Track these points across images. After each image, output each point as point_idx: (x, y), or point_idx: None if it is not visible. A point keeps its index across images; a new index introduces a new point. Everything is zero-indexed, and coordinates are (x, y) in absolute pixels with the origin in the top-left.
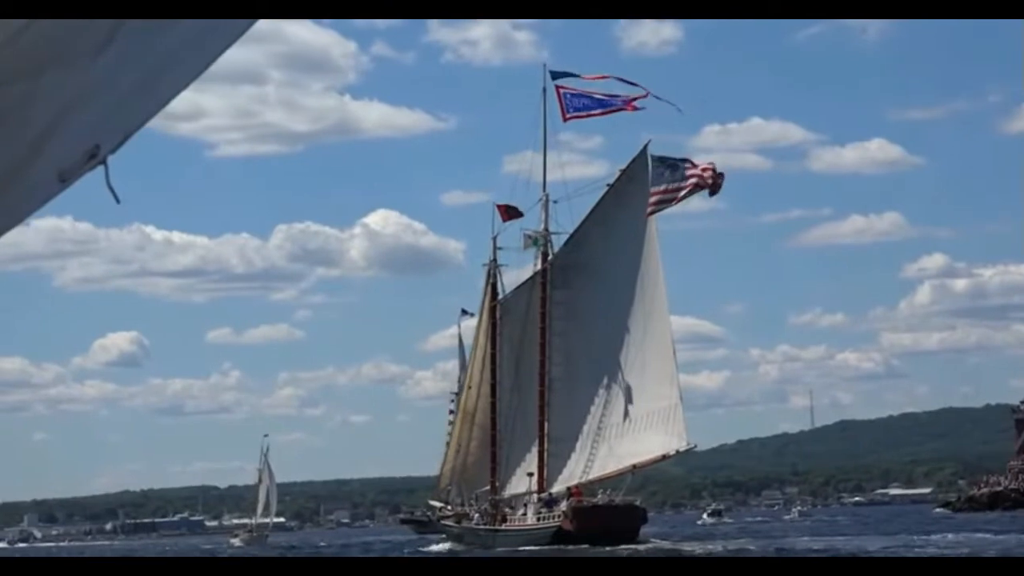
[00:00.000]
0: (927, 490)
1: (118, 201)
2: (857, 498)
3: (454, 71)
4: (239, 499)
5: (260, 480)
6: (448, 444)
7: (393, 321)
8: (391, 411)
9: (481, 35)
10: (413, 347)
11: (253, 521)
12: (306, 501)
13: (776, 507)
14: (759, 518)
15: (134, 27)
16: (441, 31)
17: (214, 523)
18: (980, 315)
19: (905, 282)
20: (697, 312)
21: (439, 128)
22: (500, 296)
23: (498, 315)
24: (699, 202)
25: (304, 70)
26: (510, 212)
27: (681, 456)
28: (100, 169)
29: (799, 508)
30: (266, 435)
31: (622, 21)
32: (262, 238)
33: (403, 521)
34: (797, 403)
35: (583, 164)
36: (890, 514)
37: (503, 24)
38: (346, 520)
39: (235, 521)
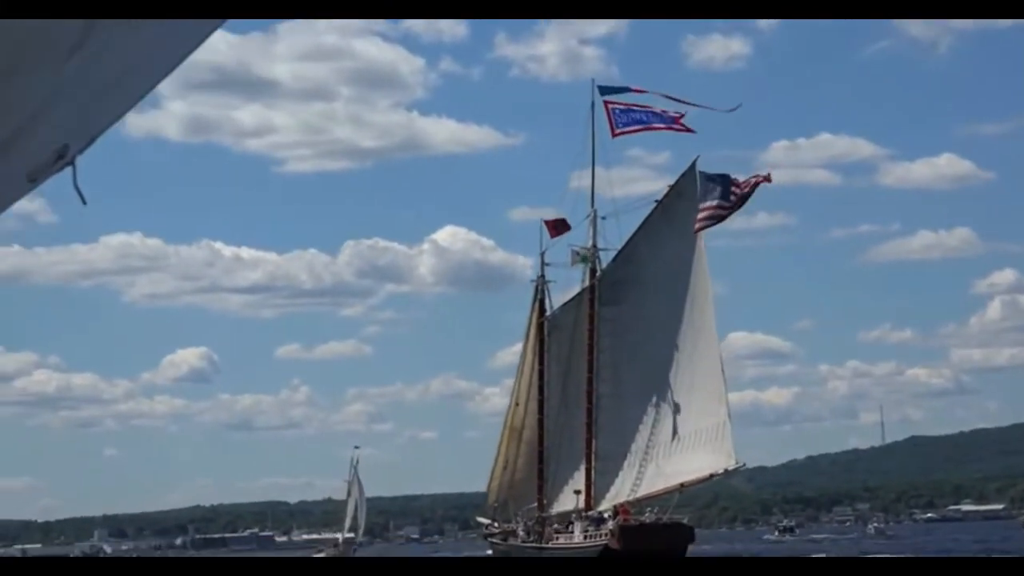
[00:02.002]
0: (1000, 506)
1: (84, 202)
2: (929, 514)
3: (521, 87)
4: (308, 514)
5: (349, 493)
6: (496, 460)
7: (461, 337)
8: (459, 427)
9: (548, 51)
10: (481, 363)
11: (340, 536)
12: (375, 516)
13: (847, 523)
14: (825, 535)
15: (106, 27)
16: (507, 47)
17: (283, 539)
18: None
19: (975, 298)
20: (766, 328)
21: (506, 144)
22: (548, 312)
23: (546, 331)
24: (768, 218)
25: (372, 86)
26: (558, 227)
27: (750, 472)
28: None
29: (876, 524)
30: (357, 447)
31: (690, 36)
32: (331, 254)
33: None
34: (866, 419)
35: (650, 180)
36: (971, 530)
37: (570, 39)
38: (415, 536)
39: (304, 537)
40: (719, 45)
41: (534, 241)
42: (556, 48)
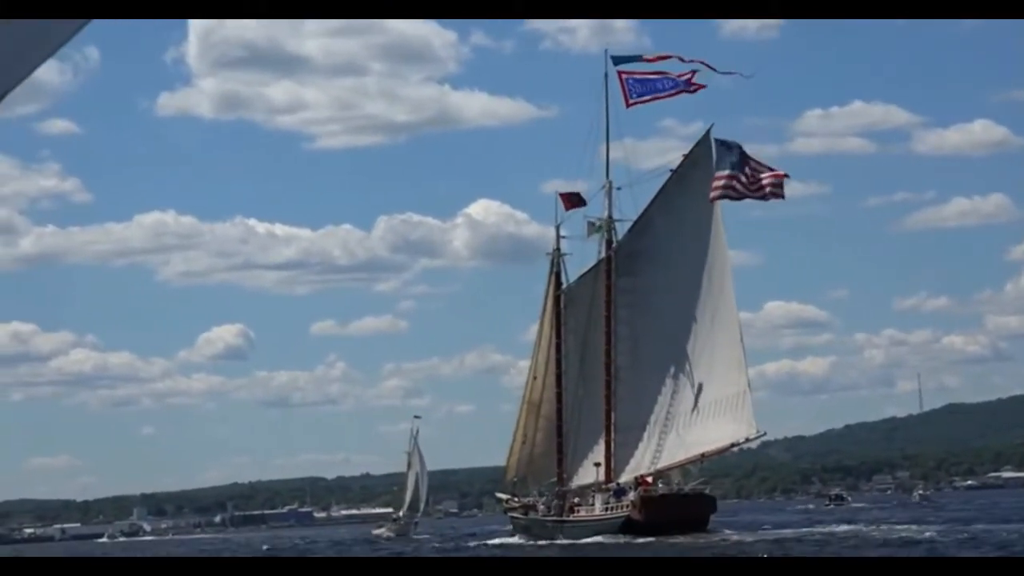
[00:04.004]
0: None
1: None
2: (970, 481)
3: (553, 59)
4: (346, 490)
5: (409, 466)
6: (514, 435)
7: (496, 310)
8: (495, 400)
9: (579, 23)
10: (516, 336)
11: (401, 513)
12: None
13: (888, 491)
14: (864, 504)
15: None
16: (538, 19)
17: (322, 515)
18: None
19: (1011, 264)
20: (802, 297)
21: (539, 116)
22: (564, 285)
23: (562, 304)
24: (802, 187)
25: (404, 61)
26: (573, 200)
27: (789, 442)
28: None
29: (921, 491)
30: (417, 416)
31: None
32: (364, 229)
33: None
34: (904, 387)
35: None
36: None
37: None
38: (454, 510)
39: (343, 512)
40: None
41: (576, 217)
42: (587, 20)
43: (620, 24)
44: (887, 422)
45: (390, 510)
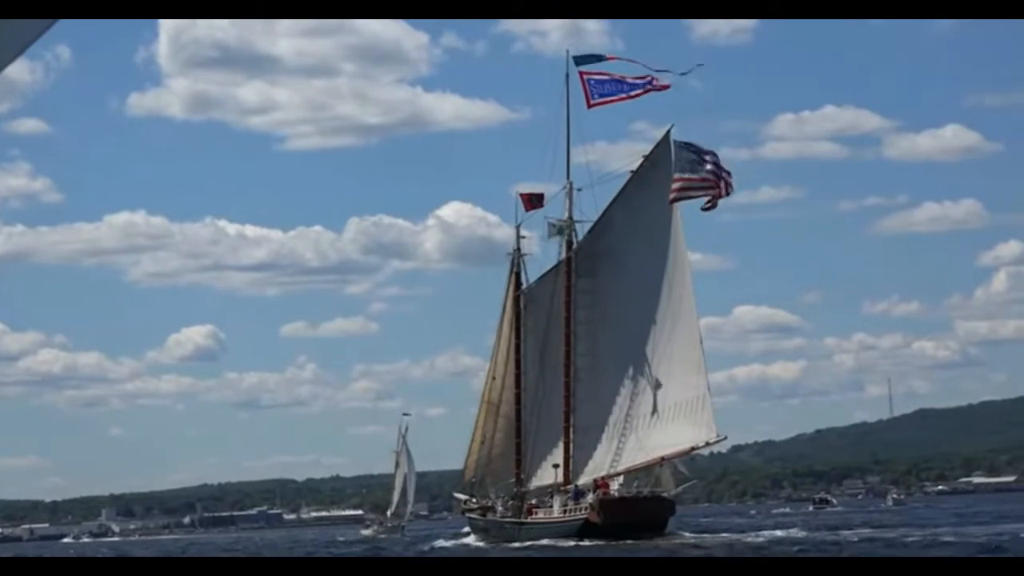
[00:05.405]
0: (1011, 478)
1: None
2: (941, 487)
3: (525, 61)
4: (315, 492)
5: (397, 465)
6: (473, 436)
7: (467, 313)
8: (466, 403)
9: (551, 25)
10: (487, 339)
11: (389, 512)
12: (384, 493)
13: (859, 496)
14: (839, 509)
15: None
16: (511, 21)
17: (292, 516)
18: None
19: (981, 270)
20: (772, 301)
21: (510, 118)
22: (524, 286)
23: (522, 305)
24: (774, 191)
25: (375, 63)
26: (533, 201)
27: (759, 446)
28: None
29: (895, 496)
30: (406, 414)
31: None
32: (336, 231)
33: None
34: (874, 392)
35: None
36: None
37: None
38: (424, 512)
39: (313, 514)
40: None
41: (535, 216)
42: (559, 22)
43: (592, 27)
44: (858, 427)
45: (361, 512)
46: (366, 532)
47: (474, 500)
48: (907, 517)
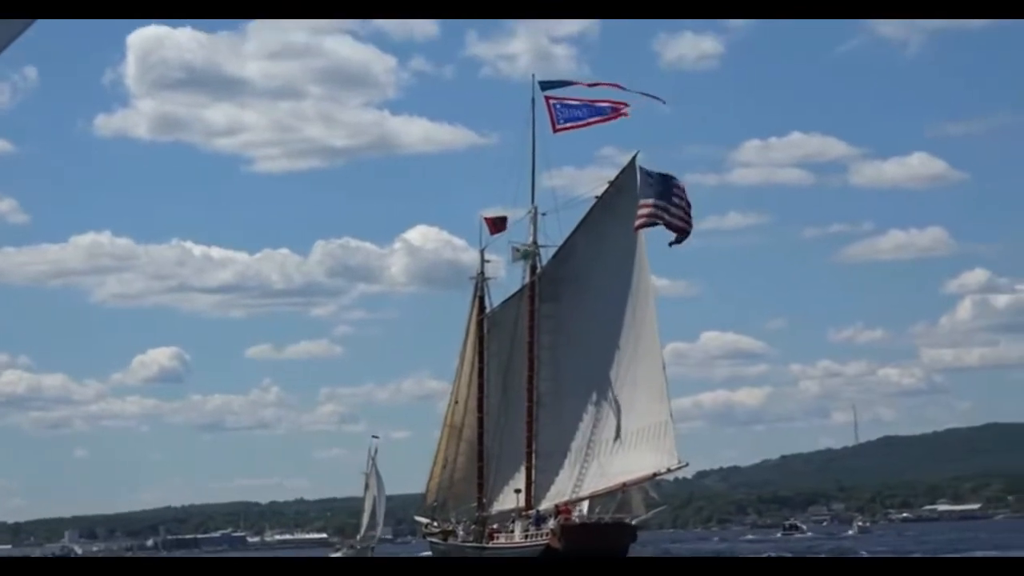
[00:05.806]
0: (975, 506)
1: None
2: (905, 514)
3: (493, 86)
4: (279, 515)
5: (367, 486)
6: (435, 459)
7: (433, 337)
8: (431, 427)
9: (519, 49)
10: (453, 363)
11: (359, 536)
12: (348, 516)
13: (824, 523)
14: (809, 535)
15: None
16: (478, 45)
17: (256, 539)
18: (1022, 330)
19: (946, 297)
20: (738, 328)
21: (478, 143)
22: (488, 310)
23: (485, 329)
24: (740, 218)
25: (343, 85)
26: (497, 224)
27: (724, 472)
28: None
29: (860, 523)
30: (375, 436)
31: (662, 34)
32: (301, 254)
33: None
34: (839, 419)
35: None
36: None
37: (541, 38)
38: (388, 536)
39: (277, 537)
40: (691, 44)
41: (500, 240)
42: (527, 47)
43: (560, 51)
44: (822, 453)
45: (325, 535)
46: (336, 555)
47: (435, 524)
48: (875, 545)
